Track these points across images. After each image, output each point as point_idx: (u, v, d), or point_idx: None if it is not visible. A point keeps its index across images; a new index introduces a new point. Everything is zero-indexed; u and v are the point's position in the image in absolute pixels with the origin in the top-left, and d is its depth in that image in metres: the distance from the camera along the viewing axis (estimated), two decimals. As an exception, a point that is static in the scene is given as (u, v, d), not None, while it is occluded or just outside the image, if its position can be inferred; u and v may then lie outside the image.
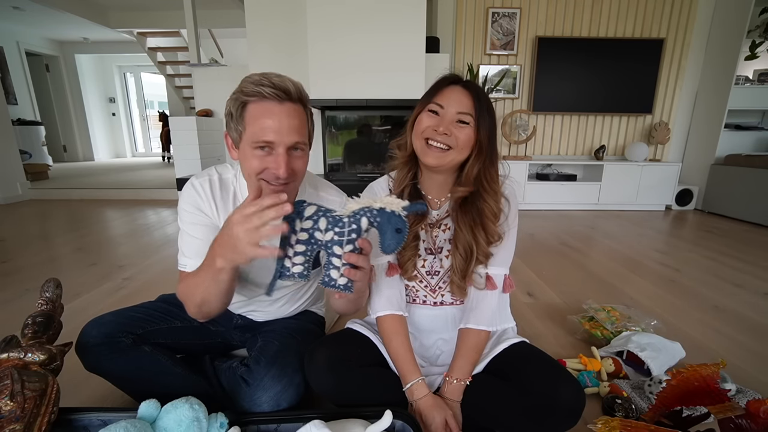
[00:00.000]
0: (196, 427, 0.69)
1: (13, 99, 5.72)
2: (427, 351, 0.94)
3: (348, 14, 2.83)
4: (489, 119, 0.78)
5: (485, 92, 0.82)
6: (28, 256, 2.20)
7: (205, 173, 0.89)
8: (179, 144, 3.36)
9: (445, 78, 0.82)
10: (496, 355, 0.85)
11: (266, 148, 0.73)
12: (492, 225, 0.82)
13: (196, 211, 0.85)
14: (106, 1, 4.98)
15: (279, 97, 0.72)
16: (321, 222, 0.67)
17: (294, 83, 0.75)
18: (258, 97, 0.72)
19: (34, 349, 0.73)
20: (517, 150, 3.79)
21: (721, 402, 0.76)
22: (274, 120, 0.72)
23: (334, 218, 0.67)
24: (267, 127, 0.72)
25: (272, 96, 0.72)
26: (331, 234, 0.67)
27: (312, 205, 0.68)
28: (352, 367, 0.80)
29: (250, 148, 0.74)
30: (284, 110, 0.73)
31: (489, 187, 0.81)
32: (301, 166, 0.78)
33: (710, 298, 1.72)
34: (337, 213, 0.67)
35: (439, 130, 0.77)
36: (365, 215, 0.66)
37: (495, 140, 0.81)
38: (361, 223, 0.66)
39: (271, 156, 0.74)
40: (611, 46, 3.53)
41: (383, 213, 0.66)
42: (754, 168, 3.15)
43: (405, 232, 0.66)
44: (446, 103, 0.78)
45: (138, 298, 1.06)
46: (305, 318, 1.07)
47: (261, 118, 0.72)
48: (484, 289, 0.85)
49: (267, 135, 0.72)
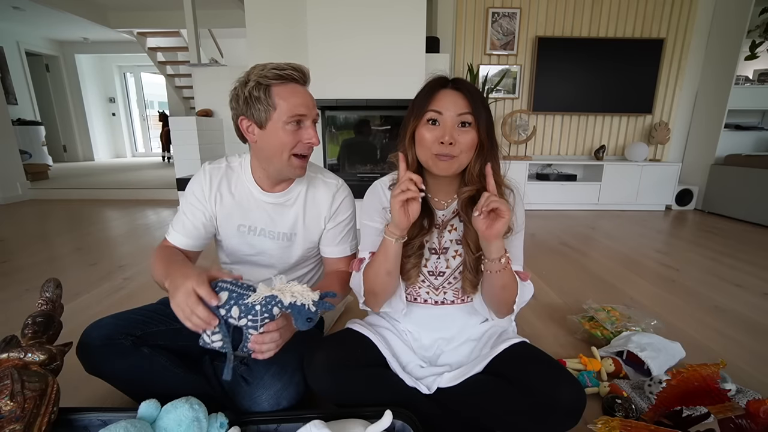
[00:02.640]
0: (196, 427, 0.69)
1: (13, 99, 5.72)
2: (427, 351, 0.94)
3: (348, 14, 2.83)
4: (486, 114, 0.78)
5: (475, 87, 0.80)
6: (28, 256, 2.20)
7: (222, 161, 1.00)
8: (179, 144, 3.35)
9: (434, 82, 0.79)
10: (497, 356, 0.85)
11: (299, 123, 0.85)
12: None
13: (199, 194, 0.96)
14: (106, 1, 4.98)
15: (302, 79, 0.86)
16: (233, 311, 0.71)
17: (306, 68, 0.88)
18: (283, 80, 0.84)
19: (34, 349, 0.73)
20: (517, 150, 3.79)
21: (721, 402, 0.76)
22: (303, 98, 0.85)
23: (246, 306, 0.71)
24: (300, 103, 0.84)
25: (298, 78, 0.85)
26: (245, 320, 0.71)
27: (224, 291, 0.71)
28: (352, 367, 0.80)
29: (283, 124, 0.84)
30: (305, 90, 0.88)
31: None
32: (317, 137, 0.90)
33: (710, 298, 1.72)
34: (249, 300, 0.70)
35: (445, 140, 0.75)
36: (276, 306, 0.71)
37: (493, 134, 0.80)
38: (273, 312, 0.72)
39: (302, 130, 0.86)
40: (611, 46, 3.53)
41: (294, 306, 0.70)
42: (754, 168, 3.15)
43: (315, 320, 0.71)
44: (443, 108, 0.76)
45: (138, 298, 1.06)
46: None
47: (292, 97, 0.84)
48: None
49: (301, 110, 0.84)
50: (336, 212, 1.01)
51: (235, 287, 0.72)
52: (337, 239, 1.03)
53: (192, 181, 0.98)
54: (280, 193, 0.97)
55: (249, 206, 0.97)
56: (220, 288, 0.71)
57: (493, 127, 0.80)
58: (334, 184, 1.02)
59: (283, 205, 0.98)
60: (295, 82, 0.85)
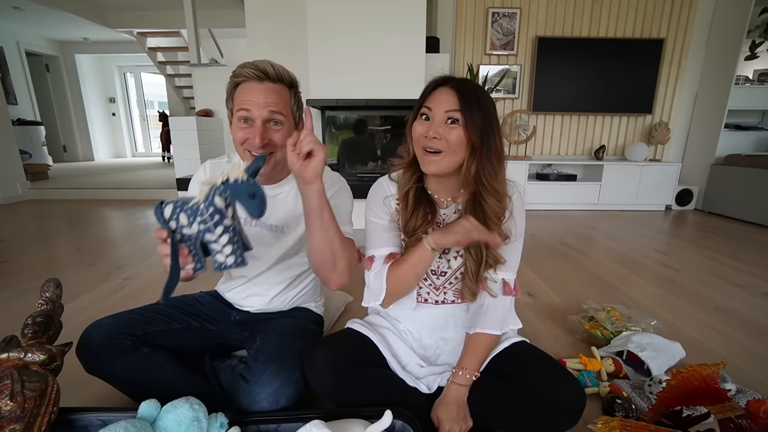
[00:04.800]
0: (196, 427, 0.69)
1: (13, 99, 5.72)
2: (427, 350, 0.94)
3: (348, 14, 2.82)
4: (480, 115, 0.75)
5: (478, 88, 0.79)
6: (28, 256, 2.20)
7: (224, 156, 1.02)
8: (179, 144, 3.35)
9: (433, 81, 0.81)
10: (496, 355, 0.85)
11: (248, 120, 0.85)
12: (495, 226, 0.80)
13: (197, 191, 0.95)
14: (106, 1, 4.97)
15: (258, 77, 0.84)
16: (182, 218, 0.67)
17: (274, 66, 0.86)
18: (244, 78, 0.85)
19: (34, 349, 0.73)
20: (517, 150, 3.79)
21: (721, 402, 0.76)
22: (252, 96, 0.84)
23: (192, 209, 0.67)
24: (246, 101, 0.84)
25: (253, 76, 0.84)
26: (196, 225, 0.67)
27: (168, 204, 0.68)
28: (352, 367, 0.80)
29: (236, 121, 0.86)
30: (263, 88, 0.85)
31: (489, 186, 0.78)
32: (279, 138, 0.87)
33: (710, 298, 1.72)
34: (193, 201, 0.67)
35: (428, 135, 0.77)
36: (216, 194, 0.66)
37: (491, 137, 0.76)
38: (216, 203, 0.66)
39: (251, 128, 0.85)
40: (611, 46, 3.53)
41: (229, 185, 0.65)
42: (754, 168, 3.15)
43: (260, 193, 0.65)
44: (434, 105, 0.77)
45: (138, 298, 1.06)
46: (303, 316, 1.08)
47: (243, 95, 0.85)
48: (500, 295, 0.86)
49: (245, 106, 0.84)
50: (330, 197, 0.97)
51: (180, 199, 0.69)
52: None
53: (193, 178, 1.00)
54: (272, 185, 0.97)
55: None
56: (165, 204, 0.69)
57: (493, 130, 0.77)
58: (328, 177, 0.99)
59: (275, 198, 0.97)
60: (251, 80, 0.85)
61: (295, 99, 0.91)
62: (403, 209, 0.86)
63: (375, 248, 0.88)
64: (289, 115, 0.89)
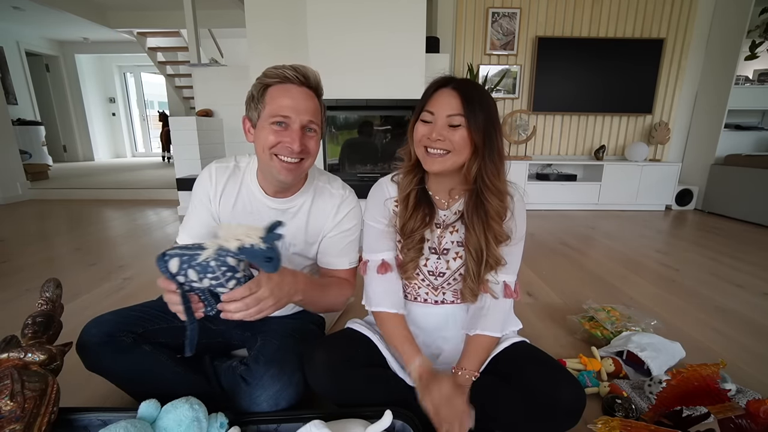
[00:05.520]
0: (196, 427, 0.69)
1: (13, 99, 5.72)
2: (426, 350, 0.93)
3: (348, 14, 2.83)
4: (483, 117, 0.76)
5: (479, 89, 0.79)
6: (28, 256, 2.20)
7: (230, 159, 0.98)
8: (179, 144, 3.35)
9: (435, 82, 0.81)
10: (496, 355, 0.85)
11: (283, 124, 0.81)
12: (497, 225, 0.81)
13: (202, 195, 0.96)
14: (106, 1, 4.97)
15: (299, 80, 0.82)
16: (190, 274, 0.67)
17: (313, 72, 0.84)
18: (280, 80, 0.82)
19: (34, 349, 0.73)
20: (517, 150, 3.79)
21: (721, 402, 0.76)
22: (292, 99, 0.81)
23: (201, 266, 0.66)
24: (286, 104, 0.81)
25: (293, 78, 0.81)
26: (207, 281, 0.67)
27: (173, 258, 0.66)
28: (352, 367, 0.80)
29: (268, 124, 0.82)
30: (302, 92, 0.82)
31: (491, 185, 0.79)
32: (314, 145, 0.85)
33: (710, 298, 1.72)
34: (202, 258, 0.65)
35: (432, 137, 0.77)
36: (228, 255, 0.65)
37: (494, 137, 0.77)
38: (229, 262, 0.66)
39: (286, 131, 0.82)
40: (611, 46, 3.53)
41: (245, 251, 0.63)
42: (754, 168, 3.15)
43: (276, 255, 0.64)
44: (436, 109, 0.78)
45: (138, 298, 1.06)
46: (305, 318, 1.07)
47: (281, 97, 0.81)
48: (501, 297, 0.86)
49: (285, 111, 0.81)
50: (339, 222, 0.98)
51: (184, 250, 0.67)
52: (337, 248, 0.99)
53: (197, 181, 0.97)
54: (284, 199, 0.95)
55: (251, 208, 0.96)
56: (169, 256, 0.66)
57: (495, 130, 0.78)
58: (339, 195, 0.98)
59: (285, 213, 0.95)
60: (290, 82, 0.82)
61: (323, 108, 0.89)
62: (403, 210, 0.87)
63: (370, 252, 0.90)
64: (320, 126, 0.87)
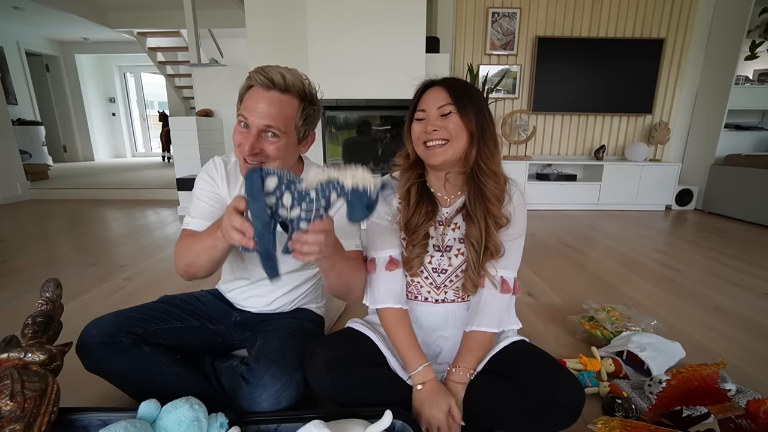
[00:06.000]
0: (196, 427, 0.69)
1: (13, 99, 5.72)
2: (427, 349, 0.93)
3: (348, 14, 2.83)
4: (471, 104, 0.81)
5: (463, 81, 0.85)
6: (28, 256, 2.20)
7: (231, 155, 0.99)
8: (179, 144, 3.35)
9: (422, 84, 0.86)
10: (496, 354, 0.85)
11: (247, 126, 0.82)
12: (495, 208, 0.84)
13: (209, 180, 0.95)
14: (106, 1, 4.98)
15: (265, 84, 0.81)
16: (285, 198, 0.61)
17: (285, 75, 0.82)
18: (254, 83, 0.83)
19: (34, 349, 0.73)
20: (517, 150, 3.79)
21: (721, 402, 0.76)
22: (255, 103, 0.81)
23: (300, 194, 0.61)
24: (248, 107, 0.82)
25: (260, 83, 0.82)
26: (298, 210, 0.61)
27: (272, 175, 0.61)
28: (352, 366, 0.80)
29: (237, 124, 0.85)
30: (266, 96, 0.81)
31: (486, 168, 0.83)
32: (273, 150, 0.83)
33: (710, 298, 1.72)
34: (303, 186, 0.61)
35: (428, 130, 0.81)
36: (335, 190, 0.61)
37: (486, 123, 0.82)
38: (331, 199, 0.61)
39: (247, 133, 0.83)
40: (611, 46, 3.53)
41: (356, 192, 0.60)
42: (754, 168, 3.15)
43: (375, 208, 0.62)
44: (426, 105, 0.82)
45: (138, 298, 1.06)
46: (304, 317, 1.08)
47: (247, 99, 0.83)
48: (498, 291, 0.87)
49: (245, 113, 0.82)
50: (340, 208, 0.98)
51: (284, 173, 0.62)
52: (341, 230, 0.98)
53: (202, 170, 0.97)
54: None
55: None
56: (267, 173, 0.61)
57: (485, 116, 0.82)
58: None
59: None
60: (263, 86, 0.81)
61: (303, 112, 0.85)
62: (405, 207, 0.88)
63: (376, 250, 0.90)
64: (290, 130, 0.84)
